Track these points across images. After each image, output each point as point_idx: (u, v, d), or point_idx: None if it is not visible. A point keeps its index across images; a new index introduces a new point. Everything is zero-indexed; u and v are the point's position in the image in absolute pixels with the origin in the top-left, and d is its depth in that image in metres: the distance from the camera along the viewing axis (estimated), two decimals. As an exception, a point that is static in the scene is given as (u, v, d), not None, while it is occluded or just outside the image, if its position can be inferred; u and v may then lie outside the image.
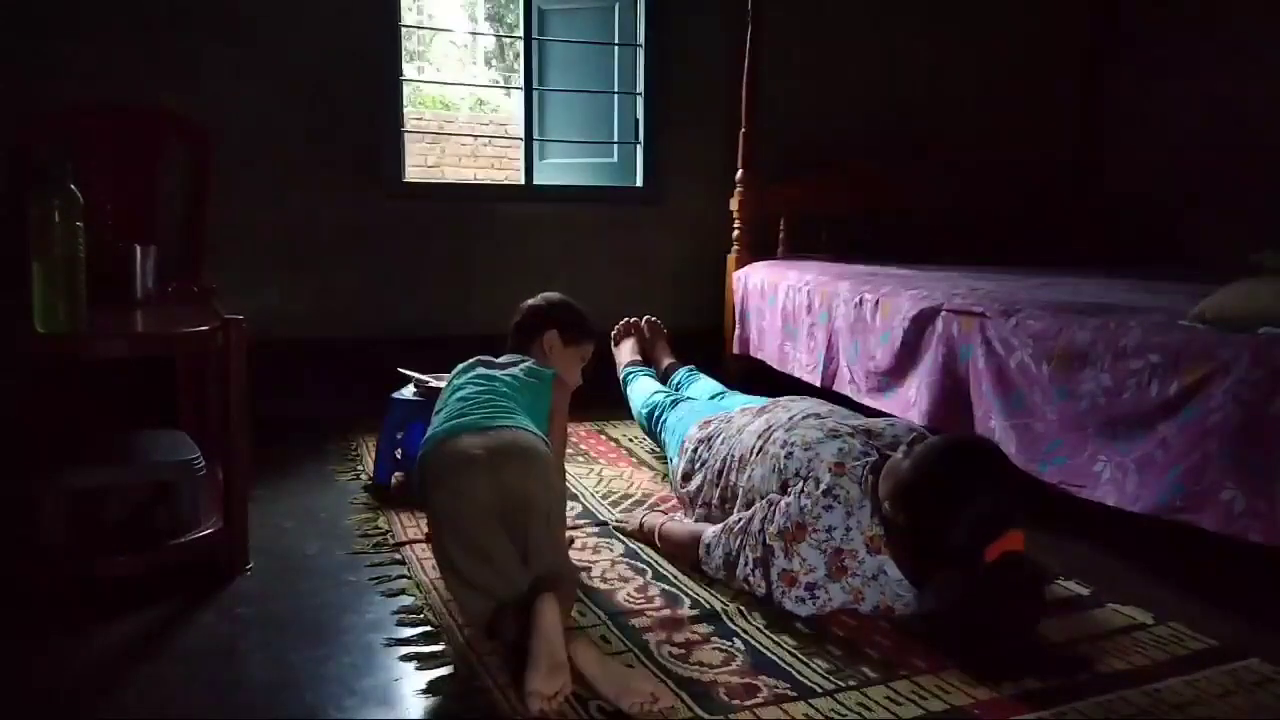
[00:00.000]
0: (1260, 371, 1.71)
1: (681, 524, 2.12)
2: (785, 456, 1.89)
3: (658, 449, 2.81)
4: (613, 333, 3.18)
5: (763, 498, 1.89)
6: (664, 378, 3.00)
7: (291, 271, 3.45)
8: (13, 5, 3.02)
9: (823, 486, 1.79)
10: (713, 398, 2.72)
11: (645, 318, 3.20)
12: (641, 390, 2.84)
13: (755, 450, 2.02)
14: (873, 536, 1.76)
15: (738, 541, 1.86)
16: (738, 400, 2.61)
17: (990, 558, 1.57)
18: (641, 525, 2.18)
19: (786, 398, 2.32)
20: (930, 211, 4.05)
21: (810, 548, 1.75)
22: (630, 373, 2.98)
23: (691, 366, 3.02)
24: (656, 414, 2.67)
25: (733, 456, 2.11)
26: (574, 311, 2.20)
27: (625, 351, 3.11)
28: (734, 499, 2.05)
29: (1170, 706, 1.50)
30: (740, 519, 1.89)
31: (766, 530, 1.80)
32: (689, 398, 2.71)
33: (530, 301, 2.21)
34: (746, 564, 1.82)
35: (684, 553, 2.01)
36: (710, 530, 1.96)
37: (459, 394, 1.91)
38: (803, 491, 1.80)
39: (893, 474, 1.74)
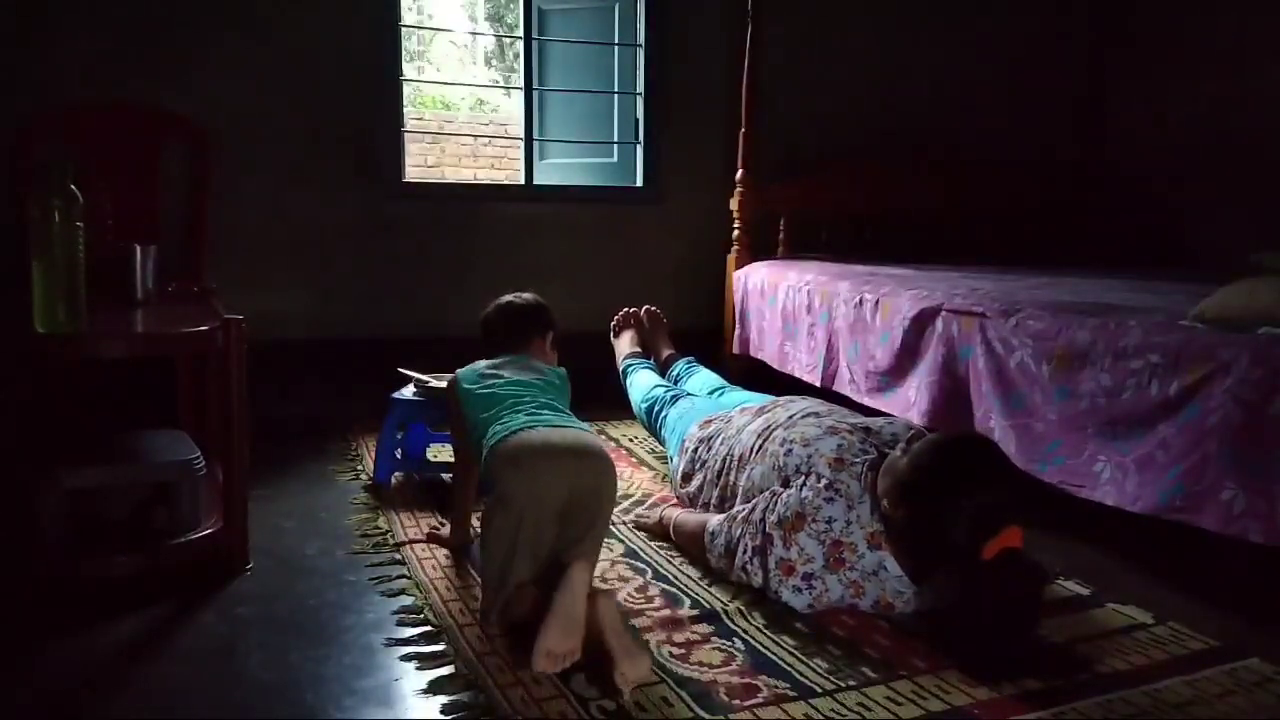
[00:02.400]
0: (1260, 371, 1.71)
1: (692, 514, 2.14)
2: (785, 454, 1.90)
3: (658, 447, 2.81)
4: (612, 324, 3.18)
5: (762, 494, 1.90)
6: (664, 368, 3.00)
7: (291, 271, 3.45)
8: (13, 5, 3.02)
9: (824, 480, 1.80)
10: (712, 393, 2.72)
11: (645, 308, 3.19)
12: (641, 384, 2.84)
13: (755, 450, 2.03)
14: (872, 533, 1.76)
15: (739, 530, 1.87)
16: (737, 396, 2.61)
17: (988, 555, 1.57)
18: (661, 520, 2.20)
19: (786, 398, 2.33)
20: (930, 211, 4.04)
21: (809, 538, 1.76)
22: (630, 365, 2.98)
23: (691, 358, 3.02)
24: (656, 409, 2.67)
25: (732, 456, 2.11)
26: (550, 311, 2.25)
27: (625, 343, 3.10)
28: (734, 498, 2.05)
29: (1170, 706, 1.50)
30: (743, 509, 1.91)
31: (767, 519, 1.81)
32: (689, 394, 2.71)
33: (513, 301, 2.21)
34: (745, 552, 1.83)
35: (693, 543, 2.03)
36: (715, 519, 1.97)
37: (510, 400, 1.89)
38: (804, 484, 1.81)
39: (891, 470, 1.74)
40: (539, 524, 1.68)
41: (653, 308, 3.20)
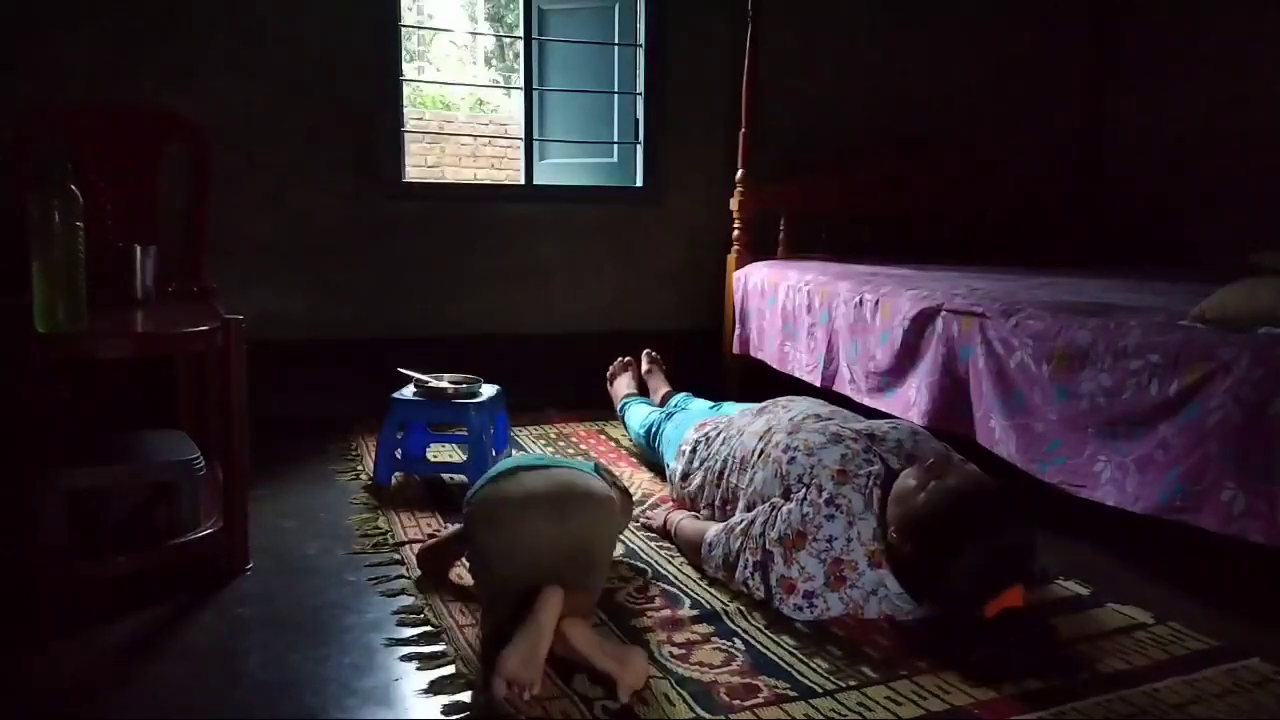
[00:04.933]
0: (1260, 371, 1.71)
1: (694, 521, 2.13)
2: (788, 461, 1.88)
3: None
4: (608, 372, 3.20)
5: (765, 501, 1.89)
6: (662, 404, 3.00)
7: (291, 271, 3.45)
8: (13, 4, 3.02)
9: (825, 495, 1.78)
10: (710, 408, 2.72)
11: (645, 352, 3.22)
12: (637, 414, 2.86)
13: (756, 453, 2.02)
14: (873, 551, 1.75)
15: (738, 543, 1.86)
16: (736, 407, 2.60)
17: (990, 614, 1.57)
18: (665, 523, 2.21)
19: (786, 397, 2.32)
20: (930, 211, 4.04)
21: (810, 556, 1.75)
22: (626, 402, 3.01)
23: (688, 393, 2.98)
24: (654, 429, 2.67)
25: (733, 458, 2.11)
26: None
27: (622, 386, 3.14)
28: (734, 500, 2.05)
29: (1170, 706, 1.50)
30: (742, 520, 1.89)
31: (767, 535, 1.80)
32: (684, 408, 2.72)
33: None
34: (746, 567, 1.82)
35: (692, 550, 2.03)
36: (713, 529, 1.96)
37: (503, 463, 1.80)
38: (805, 499, 1.79)
39: (904, 501, 1.70)
40: (526, 580, 1.57)
41: (651, 352, 3.21)
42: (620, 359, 3.22)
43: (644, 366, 3.19)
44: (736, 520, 1.92)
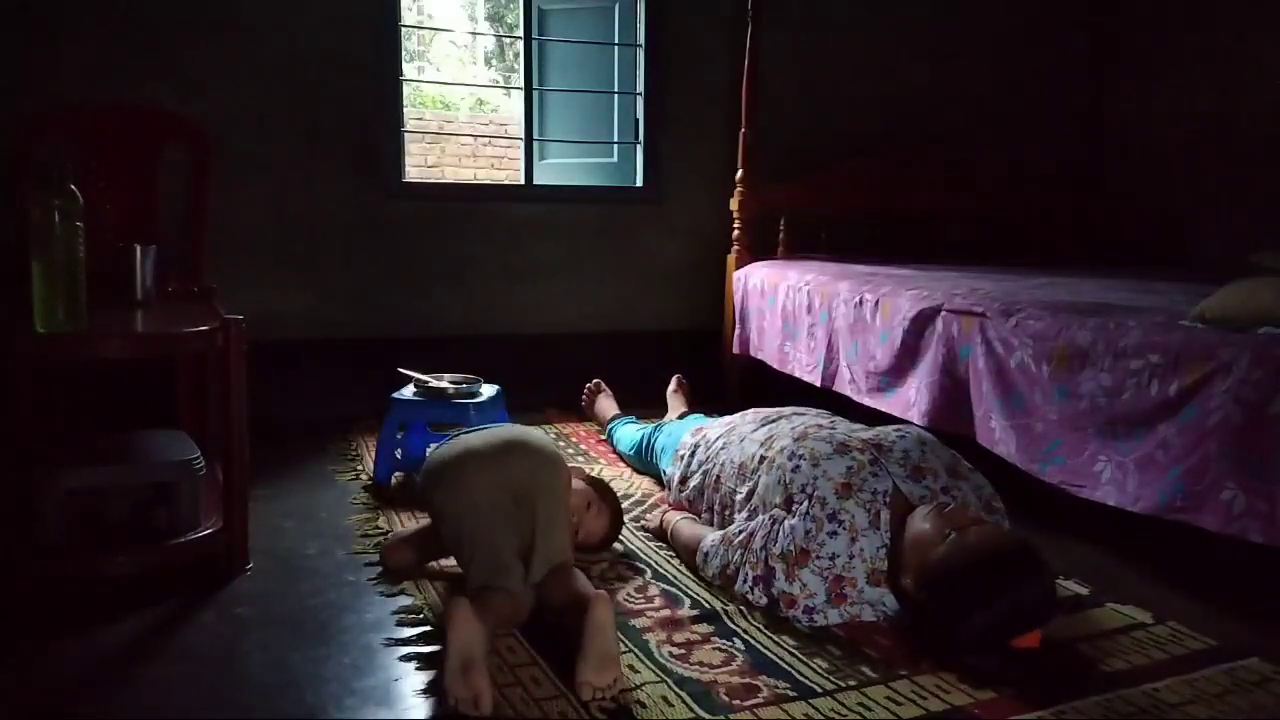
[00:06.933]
0: (1260, 371, 1.71)
1: (691, 525, 2.12)
2: (792, 469, 1.86)
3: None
4: (582, 402, 3.18)
5: (766, 509, 1.87)
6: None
7: (291, 271, 3.45)
8: (13, 4, 3.02)
9: (828, 510, 1.77)
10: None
11: (676, 377, 3.19)
12: (626, 433, 2.84)
13: (757, 459, 2.01)
14: (874, 570, 1.75)
15: (737, 555, 1.85)
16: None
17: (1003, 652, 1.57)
18: (661, 523, 2.19)
19: (790, 409, 2.30)
20: (931, 211, 4.04)
21: (812, 574, 1.74)
22: (614, 424, 2.98)
23: (703, 414, 2.92)
24: (644, 443, 2.66)
25: (732, 463, 2.09)
26: None
27: (606, 407, 3.10)
28: (733, 506, 2.04)
29: (1169, 706, 1.50)
30: (741, 531, 1.88)
31: (769, 550, 1.78)
32: (675, 419, 2.71)
33: None
34: (746, 580, 1.81)
35: (688, 554, 2.02)
36: (709, 537, 1.95)
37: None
38: (807, 514, 1.78)
39: (921, 551, 1.66)
40: (481, 530, 1.66)
41: (680, 376, 3.19)
42: (589, 386, 3.19)
43: (671, 387, 3.15)
44: (735, 530, 1.90)
